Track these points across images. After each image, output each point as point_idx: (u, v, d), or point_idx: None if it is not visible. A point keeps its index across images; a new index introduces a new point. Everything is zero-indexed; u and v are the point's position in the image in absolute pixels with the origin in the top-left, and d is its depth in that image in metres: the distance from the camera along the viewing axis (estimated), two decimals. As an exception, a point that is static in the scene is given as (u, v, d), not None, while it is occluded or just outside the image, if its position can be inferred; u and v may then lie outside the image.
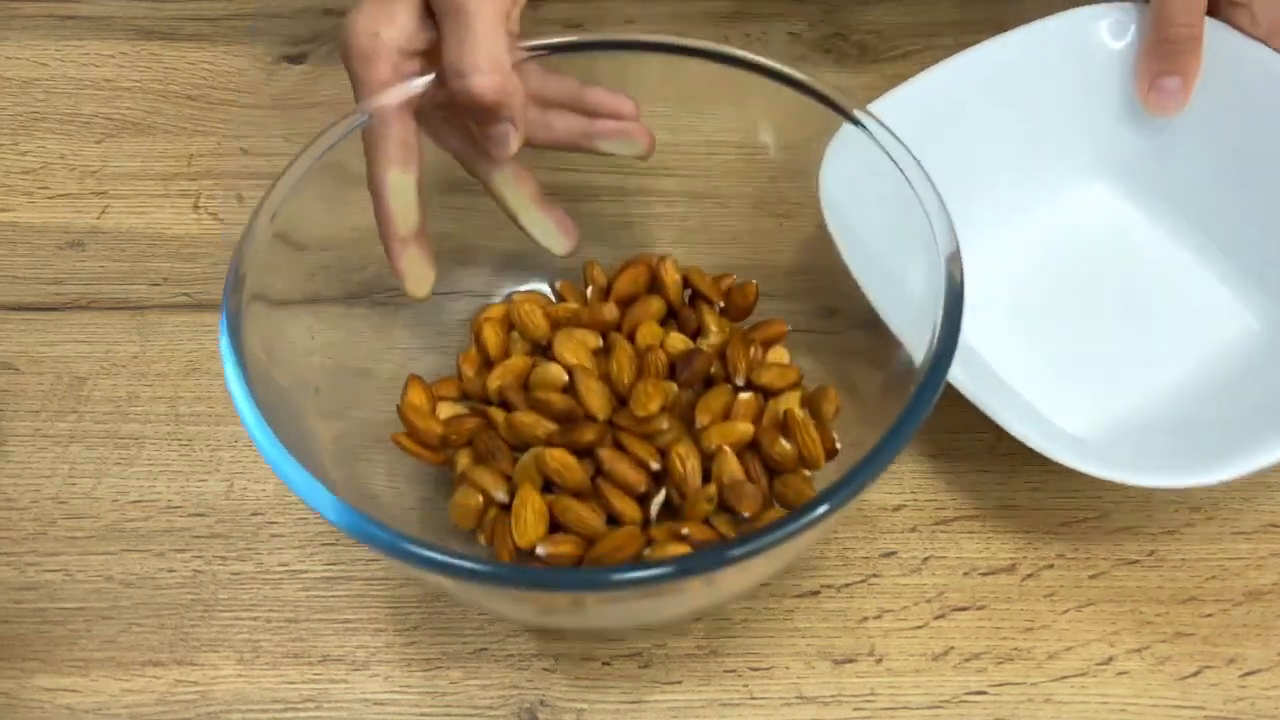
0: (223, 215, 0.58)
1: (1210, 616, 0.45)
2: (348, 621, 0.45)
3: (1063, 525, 0.47)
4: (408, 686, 0.43)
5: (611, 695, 0.43)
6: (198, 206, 0.58)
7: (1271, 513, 0.47)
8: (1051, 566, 0.46)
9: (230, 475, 0.49)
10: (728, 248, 0.50)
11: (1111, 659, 0.44)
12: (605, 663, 0.44)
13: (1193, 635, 0.44)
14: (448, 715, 0.43)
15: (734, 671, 0.44)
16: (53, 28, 0.66)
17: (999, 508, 0.47)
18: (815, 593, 0.45)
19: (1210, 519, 0.47)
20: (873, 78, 0.62)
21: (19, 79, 0.64)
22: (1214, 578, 0.45)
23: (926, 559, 0.46)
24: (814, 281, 0.47)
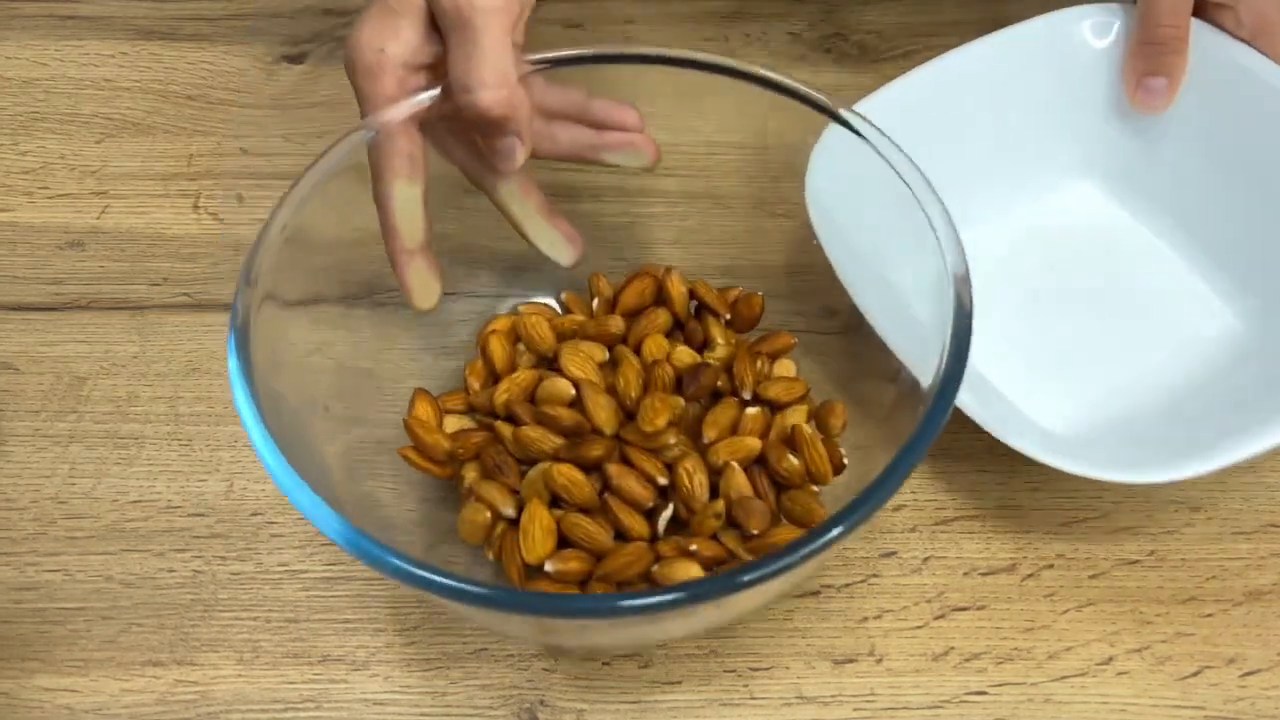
0: (223, 215, 0.58)
1: (1210, 616, 0.45)
2: (348, 621, 0.45)
3: (1063, 525, 0.47)
4: (408, 686, 0.43)
5: (611, 695, 0.43)
6: (198, 206, 0.58)
7: (1271, 513, 0.47)
8: (1051, 566, 0.46)
9: (230, 475, 0.49)
10: (727, 248, 0.50)
11: (1111, 659, 0.44)
12: (605, 663, 0.44)
13: (1193, 635, 0.44)
14: (448, 715, 0.43)
15: (734, 671, 0.44)
16: (53, 28, 0.66)
17: (999, 508, 0.47)
18: (815, 593, 0.45)
19: (1210, 519, 0.47)
20: (873, 78, 0.62)
21: (19, 79, 0.64)
22: (1214, 578, 0.45)
23: (926, 559, 0.46)
24: (814, 282, 0.47)
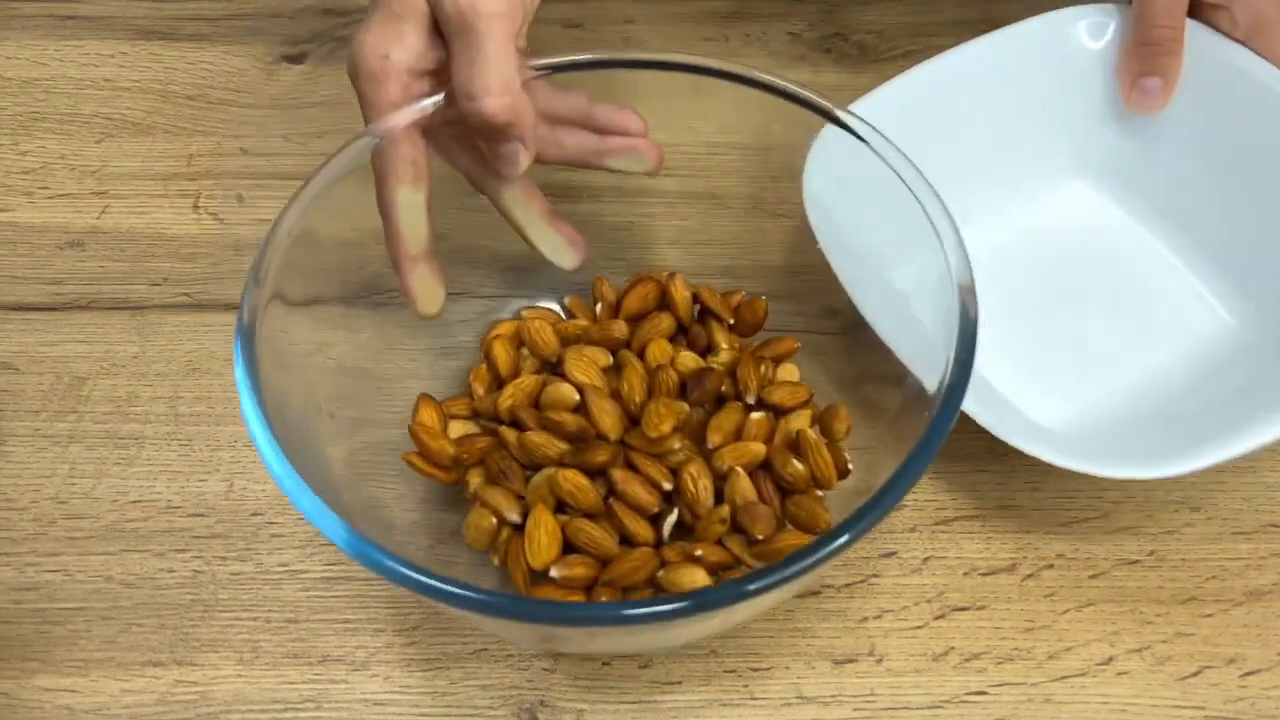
0: (223, 215, 0.58)
1: (1210, 616, 0.45)
2: (348, 621, 0.45)
3: (1063, 525, 0.47)
4: (408, 686, 0.43)
5: (611, 695, 0.43)
6: (197, 206, 0.58)
7: (1271, 513, 0.47)
8: (1051, 566, 0.46)
9: (230, 475, 0.49)
10: (727, 248, 0.50)
11: (1111, 659, 0.44)
12: (605, 663, 0.44)
13: (1193, 635, 0.44)
14: (448, 715, 0.43)
15: (734, 671, 0.44)
16: (53, 28, 0.66)
17: (999, 508, 0.47)
18: (815, 593, 0.45)
19: (1210, 519, 0.47)
20: (872, 78, 0.61)
21: (19, 79, 0.64)
22: (1214, 578, 0.45)
23: (926, 559, 0.46)
24: (814, 282, 0.47)
